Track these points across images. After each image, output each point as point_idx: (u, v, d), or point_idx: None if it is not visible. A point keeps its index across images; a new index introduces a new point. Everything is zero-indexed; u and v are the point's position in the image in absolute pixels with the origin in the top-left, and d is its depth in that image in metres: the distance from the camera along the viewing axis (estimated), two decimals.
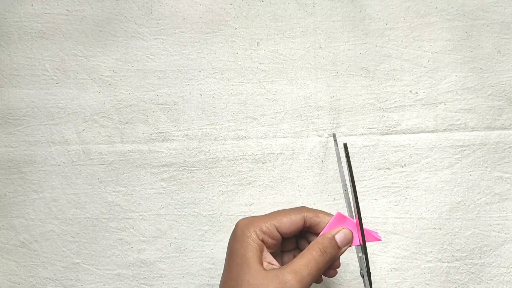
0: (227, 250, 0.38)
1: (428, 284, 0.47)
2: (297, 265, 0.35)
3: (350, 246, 0.38)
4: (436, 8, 0.49)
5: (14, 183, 0.50)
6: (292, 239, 0.41)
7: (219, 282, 0.39)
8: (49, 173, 0.50)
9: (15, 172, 0.50)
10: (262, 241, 0.37)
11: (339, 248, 0.37)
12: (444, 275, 0.47)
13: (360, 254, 0.39)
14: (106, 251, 0.49)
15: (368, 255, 0.47)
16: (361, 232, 0.38)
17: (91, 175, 0.49)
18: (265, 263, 0.37)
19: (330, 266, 0.39)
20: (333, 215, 0.38)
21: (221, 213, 0.48)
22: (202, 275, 0.48)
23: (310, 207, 0.42)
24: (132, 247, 0.49)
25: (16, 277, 0.49)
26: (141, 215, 0.49)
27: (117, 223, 0.49)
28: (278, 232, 0.38)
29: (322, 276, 0.39)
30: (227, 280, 0.36)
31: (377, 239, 0.39)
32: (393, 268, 0.47)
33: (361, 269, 0.39)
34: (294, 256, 0.39)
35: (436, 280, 0.47)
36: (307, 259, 0.36)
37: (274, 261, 0.38)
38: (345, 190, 0.40)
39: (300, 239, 0.41)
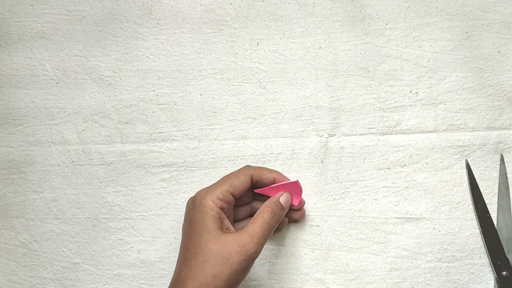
0: (185, 221, 0.41)
1: (428, 284, 0.47)
2: (252, 228, 0.39)
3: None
4: (436, 8, 0.49)
5: (14, 183, 0.50)
6: (244, 207, 0.45)
7: None
8: (49, 173, 0.50)
9: (15, 172, 0.50)
10: (221, 208, 0.40)
11: (283, 208, 0.43)
12: (444, 275, 0.47)
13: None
14: (106, 251, 0.49)
15: (368, 255, 0.47)
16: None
17: (91, 175, 0.49)
18: (224, 229, 0.40)
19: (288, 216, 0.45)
20: (275, 171, 0.44)
21: None
22: None
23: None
24: (132, 247, 0.49)
25: (16, 277, 0.49)
26: (141, 215, 0.49)
27: (117, 223, 0.49)
28: (232, 195, 0.41)
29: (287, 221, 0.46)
30: (189, 248, 0.39)
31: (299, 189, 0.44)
32: (393, 268, 0.47)
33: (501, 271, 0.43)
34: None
35: (436, 280, 0.47)
36: (260, 223, 0.40)
37: (231, 227, 0.41)
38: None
39: (254, 204, 0.46)
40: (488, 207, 0.47)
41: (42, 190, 0.49)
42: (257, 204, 0.46)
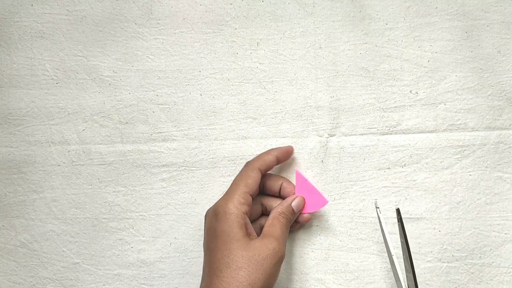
0: (208, 235, 0.40)
1: (428, 284, 0.47)
2: (275, 232, 0.40)
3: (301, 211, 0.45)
4: (436, 8, 0.49)
5: (14, 183, 0.50)
6: (253, 207, 0.44)
7: None
8: (49, 173, 0.50)
9: (15, 172, 0.50)
10: (245, 213, 0.40)
11: (295, 213, 0.43)
12: (444, 275, 0.47)
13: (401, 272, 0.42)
14: (106, 251, 0.49)
15: (368, 254, 0.47)
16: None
17: (91, 175, 0.49)
18: (249, 236, 0.40)
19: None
20: (270, 150, 0.45)
21: None
22: None
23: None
24: (132, 247, 0.49)
25: (16, 277, 0.49)
26: (141, 215, 0.49)
27: (117, 223, 0.49)
28: (250, 195, 0.41)
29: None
30: (218, 259, 0.38)
31: (324, 202, 0.45)
32: None
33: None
34: (260, 225, 0.45)
35: (436, 280, 0.47)
36: (280, 226, 0.41)
37: (254, 233, 0.41)
38: (392, 255, 0.43)
39: (264, 201, 0.46)
40: (489, 207, 0.47)
41: (42, 190, 0.49)
42: (266, 200, 0.45)
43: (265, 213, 0.46)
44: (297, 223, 0.46)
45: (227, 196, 0.41)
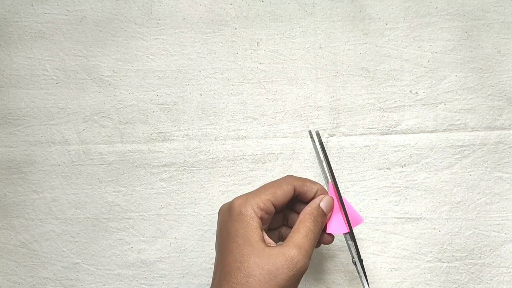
0: (221, 232, 0.37)
1: (428, 284, 0.47)
2: (298, 239, 0.35)
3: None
4: (436, 8, 0.49)
5: (14, 183, 0.50)
6: (276, 216, 0.40)
7: None
8: (49, 173, 0.50)
9: (15, 172, 0.50)
10: (261, 218, 0.36)
11: (325, 215, 0.38)
12: (444, 275, 0.47)
13: (350, 242, 0.39)
14: (106, 251, 0.49)
15: (368, 254, 0.47)
16: (346, 220, 0.39)
17: (91, 175, 0.49)
18: (265, 241, 0.36)
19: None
20: (319, 183, 0.40)
21: None
22: (202, 275, 0.48)
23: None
24: (132, 247, 0.49)
25: (16, 277, 0.49)
26: (141, 215, 0.49)
27: (117, 223, 0.49)
28: (273, 205, 0.37)
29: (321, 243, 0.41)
30: (229, 262, 0.35)
31: (360, 221, 0.40)
32: (393, 268, 0.47)
33: (352, 257, 0.40)
34: (280, 233, 0.41)
35: (436, 280, 0.47)
36: (305, 231, 0.36)
37: (270, 239, 0.37)
38: (327, 182, 0.41)
39: (288, 215, 0.41)
40: (489, 207, 0.47)
41: (42, 190, 0.49)
42: (289, 213, 0.41)
43: (285, 224, 0.42)
44: (318, 243, 0.41)
45: (248, 196, 0.37)
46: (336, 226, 0.40)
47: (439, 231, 0.47)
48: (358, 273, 0.39)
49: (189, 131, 0.49)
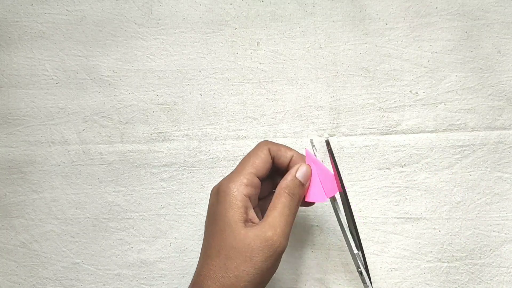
0: (208, 215, 0.38)
1: (428, 284, 0.47)
2: (273, 218, 0.35)
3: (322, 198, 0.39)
4: (436, 8, 0.49)
5: (14, 183, 0.50)
6: (263, 183, 0.39)
7: None
8: (49, 173, 0.50)
9: (15, 172, 0.50)
10: (248, 196, 0.36)
11: (303, 185, 0.37)
12: (444, 275, 0.47)
13: (356, 252, 0.39)
14: (106, 251, 0.49)
15: (368, 254, 0.47)
16: (341, 184, 0.38)
17: (91, 175, 0.49)
18: (247, 221, 0.36)
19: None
20: (294, 150, 0.39)
21: None
22: None
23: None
24: (132, 247, 0.49)
25: (16, 277, 0.49)
26: (141, 215, 0.49)
27: (117, 223, 0.49)
28: (257, 177, 0.37)
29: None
30: (211, 245, 0.35)
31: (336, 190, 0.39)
32: (393, 268, 0.47)
33: (358, 267, 0.40)
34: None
35: (436, 280, 0.47)
36: (280, 208, 0.36)
37: (255, 218, 0.37)
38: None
39: (276, 179, 0.40)
40: (489, 207, 0.47)
41: (42, 190, 0.49)
42: (276, 178, 0.40)
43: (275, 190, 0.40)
44: (310, 203, 0.40)
45: (231, 175, 0.37)
46: (315, 194, 0.39)
47: (439, 231, 0.47)
48: (364, 283, 0.39)
49: (189, 131, 0.49)
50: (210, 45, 0.50)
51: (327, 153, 0.42)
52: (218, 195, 0.37)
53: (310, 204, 0.40)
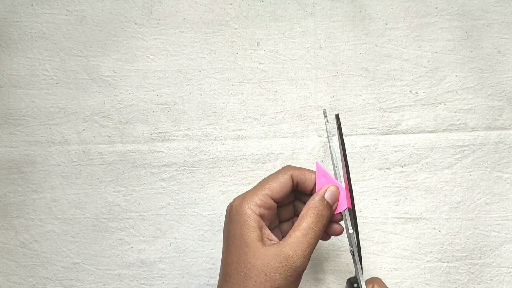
0: (224, 233, 0.38)
1: (428, 284, 0.47)
2: (295, 238, 0.35)
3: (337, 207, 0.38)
4: (436, 8, 0.49)
5: (14, 183, 0.50)
6: (287, 207, 0.40)
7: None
8: (49, 173, 0.50)
9: (15, 172, 0.50)
10: (260, 215, 0.36)
11: (331, 207, 0.37)
12: (444, 275, 0.47)
13: (351, 231, 0.38)
14: (106, 251, 0.49)
15: (368, 255, 0.47)
16: (351, 197, 0.37)
17: (91, 175, 0.49)
18: (264, 240, 0.36)
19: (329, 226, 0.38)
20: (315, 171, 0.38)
21: (221, 213, 0.48)
22: (202, 275, 0.48)
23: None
24: (132, 247, 0.49)
25: (16, 277, 0.49)
26: (141, 215, 0.49)
27: (117, 223, 0.49)
28: (272, 199, 0.37)
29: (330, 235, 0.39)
30: (229, 263, 0.35)
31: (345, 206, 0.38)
32: (393, 268, 0.47)
33: (351, 247, 0.39)
34: (293, 224, 0.38)
35: (436, 280, 0.47)
36: (304, 229, 0.35)
37: (272, 236, 0.36)
38: (335, 167, 0.39)
39: (296, 204, 0.40)
40: (489, 207, 0.47)
41: (42, 190, 0.49)
42: (299, 204, 0.41)
43: (297, 215, 0.41)
44: (328, 235, 0.40)
45: (245, 195, 0.37)
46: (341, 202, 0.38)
47: (439, 231, 0.47)
48: (355, 263, 0.38)
49: (189, 131, 0.49)
50: (210, 45, 0.50)
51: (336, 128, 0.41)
52: (230, 213, 0.37)
53: (328, 237, 0.40)
